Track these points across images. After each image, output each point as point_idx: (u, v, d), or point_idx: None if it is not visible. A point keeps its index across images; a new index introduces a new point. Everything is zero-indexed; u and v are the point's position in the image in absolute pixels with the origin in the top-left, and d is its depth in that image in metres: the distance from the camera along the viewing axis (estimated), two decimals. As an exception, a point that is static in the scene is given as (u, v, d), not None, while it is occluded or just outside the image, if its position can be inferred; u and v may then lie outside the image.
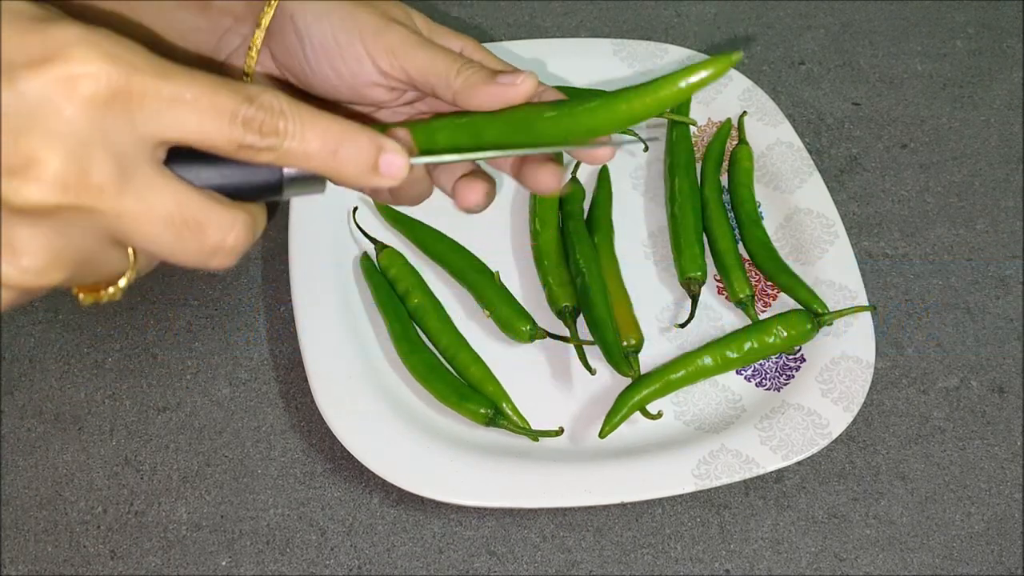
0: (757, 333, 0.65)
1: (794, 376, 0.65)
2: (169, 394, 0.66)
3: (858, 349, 0.65)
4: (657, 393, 0.63)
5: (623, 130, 0.68)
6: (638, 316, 0.66)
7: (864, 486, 0.63)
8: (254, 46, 0.47)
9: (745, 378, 0.66)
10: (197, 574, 0.59)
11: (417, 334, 0.66)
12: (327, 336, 0.64)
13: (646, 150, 0.75)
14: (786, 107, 0.79)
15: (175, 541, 0.60)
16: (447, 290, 0.69)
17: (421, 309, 0.66)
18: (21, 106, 0.30)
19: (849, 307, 0.66)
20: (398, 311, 0.66)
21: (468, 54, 0.47)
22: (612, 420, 0.61)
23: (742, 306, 0.67)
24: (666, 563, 0.60)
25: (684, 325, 0.67)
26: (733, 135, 0.75)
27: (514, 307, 0.66)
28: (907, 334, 0.69)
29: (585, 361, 0.64)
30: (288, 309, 0.67)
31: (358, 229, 0.70)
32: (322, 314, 0.65)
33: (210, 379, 0.66)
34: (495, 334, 0.67)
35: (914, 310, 0.70)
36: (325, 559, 0.60)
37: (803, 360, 0.66)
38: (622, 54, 0.78)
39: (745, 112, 0.75)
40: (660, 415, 0.63)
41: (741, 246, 0.70)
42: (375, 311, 0.67)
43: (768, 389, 0.65)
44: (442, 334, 0.66)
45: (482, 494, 0.59)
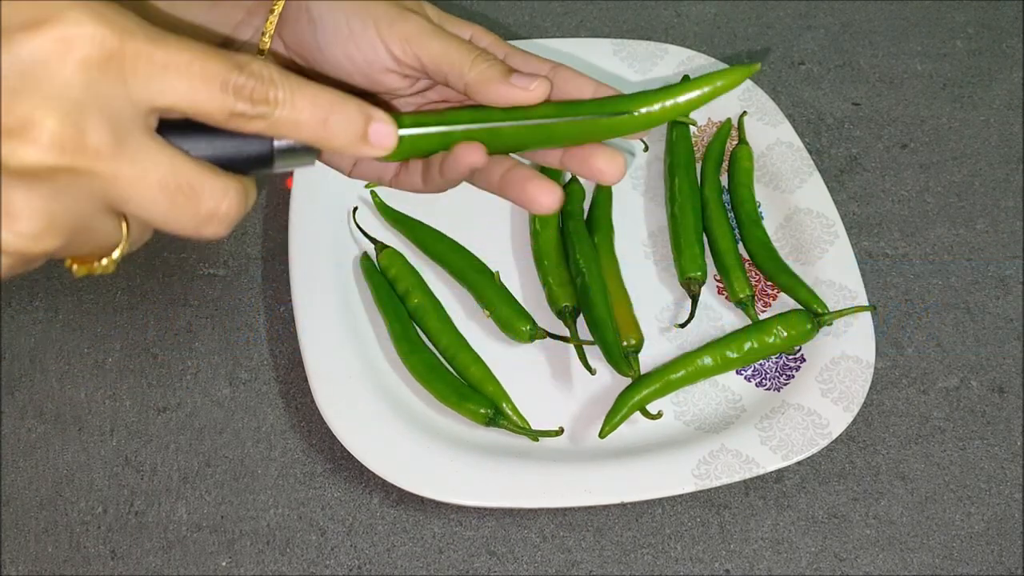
0: (757, 333, 0.65)
1: (794, 376, 0.65)
2: (169, 394, 0.66)
3: (858, 349, 0.65)
4: (657, 393, 0.63)
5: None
6: (638, 316, 0.66)
7: (864, 486, 0.63)
8: (267, 31, 0.47)
9: (745, 378, 0.66)
10: (197, 574, 0.59)
11: (417, 334, 0.66)
12: (327, 336, 0.64)
13: (646, 150, 0.75)
14: (786, 107, 0.79)
15: (175, 541, 0.60)
16: (447, 290, 0.69)
17: (421, 309, 0.66)
18: (16, 68, 0.30)
19: (849, 307, 0.66)
20: (398, 311, 0.66)
21: (476, 40, 0.47)
22: (612, 420, 0.61)
23: (742, 306, 0.67)
24: (666, 563, 0.60)
25: (684, 325, 0.67)
26: (733, 135, 0.75)
27: (514, 307, 0.66)
28: (907, 334, 0.69)
29: (585, 361, 0.64)
30: (288, 309, 0.67)
31: (358, 229, 0.70)
32: (322, 314, 0.65)
33: (210, 379, 0.66)
34: (495, 334, 0.67)
35: (914, 310, 0.70)
36: (325, 559, 0.60)
37: (803, 360, 0.66)
38: (622, 54, 0.78)
39: (745, 112, 0.75)
40: (660, 415, 0.63)
41: (741, 246, 0.70)
42: (375, 311, 0.67)
43: (768, 389, 0.65)
44: (442, 334, 0.66)
45: (482, 494, 0.59)
